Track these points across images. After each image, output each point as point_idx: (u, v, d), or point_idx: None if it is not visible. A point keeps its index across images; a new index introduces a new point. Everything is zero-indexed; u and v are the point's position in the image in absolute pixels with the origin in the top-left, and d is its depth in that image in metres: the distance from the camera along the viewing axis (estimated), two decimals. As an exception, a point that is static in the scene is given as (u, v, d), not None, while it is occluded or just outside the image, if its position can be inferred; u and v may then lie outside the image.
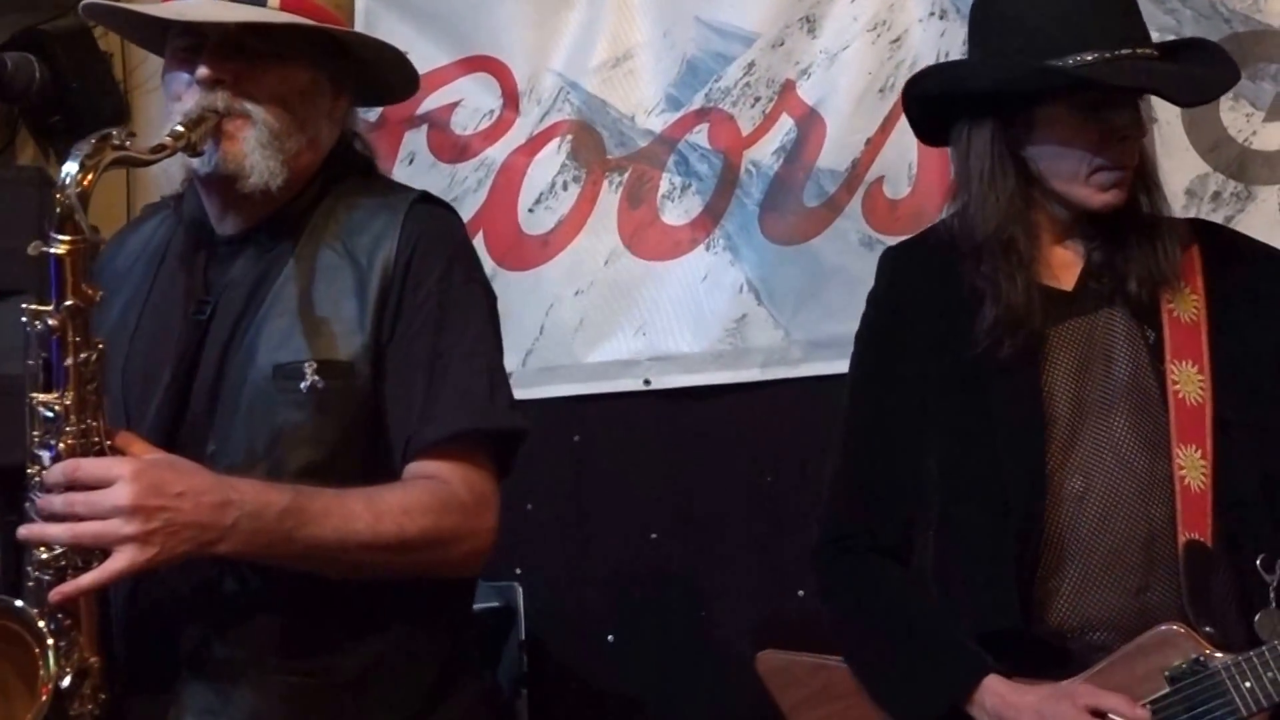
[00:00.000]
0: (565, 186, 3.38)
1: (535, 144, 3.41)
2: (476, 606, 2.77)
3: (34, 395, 1.52)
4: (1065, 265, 1.89)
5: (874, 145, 3.09)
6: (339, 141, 1.77)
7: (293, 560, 1.55)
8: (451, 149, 3.50)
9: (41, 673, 1.46)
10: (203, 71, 1.64)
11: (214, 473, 1.54)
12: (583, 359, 3.29)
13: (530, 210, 3.40)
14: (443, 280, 1.69)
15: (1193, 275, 1.89)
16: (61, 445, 1.50)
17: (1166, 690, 1.71)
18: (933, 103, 1.94)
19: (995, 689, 1.73)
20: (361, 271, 1.66)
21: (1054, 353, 1.84)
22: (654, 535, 3.20)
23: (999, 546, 1.78)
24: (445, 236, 1.73)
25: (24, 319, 1.52)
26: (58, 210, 1.49)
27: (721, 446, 3.17)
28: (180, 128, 1.59)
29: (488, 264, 3.37)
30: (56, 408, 1.51)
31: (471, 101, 3.49)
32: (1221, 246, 1.95)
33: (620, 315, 3.27)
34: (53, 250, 1.49)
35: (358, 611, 1.63)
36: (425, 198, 1.76)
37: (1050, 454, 1.80)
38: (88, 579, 1.46)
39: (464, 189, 3.46)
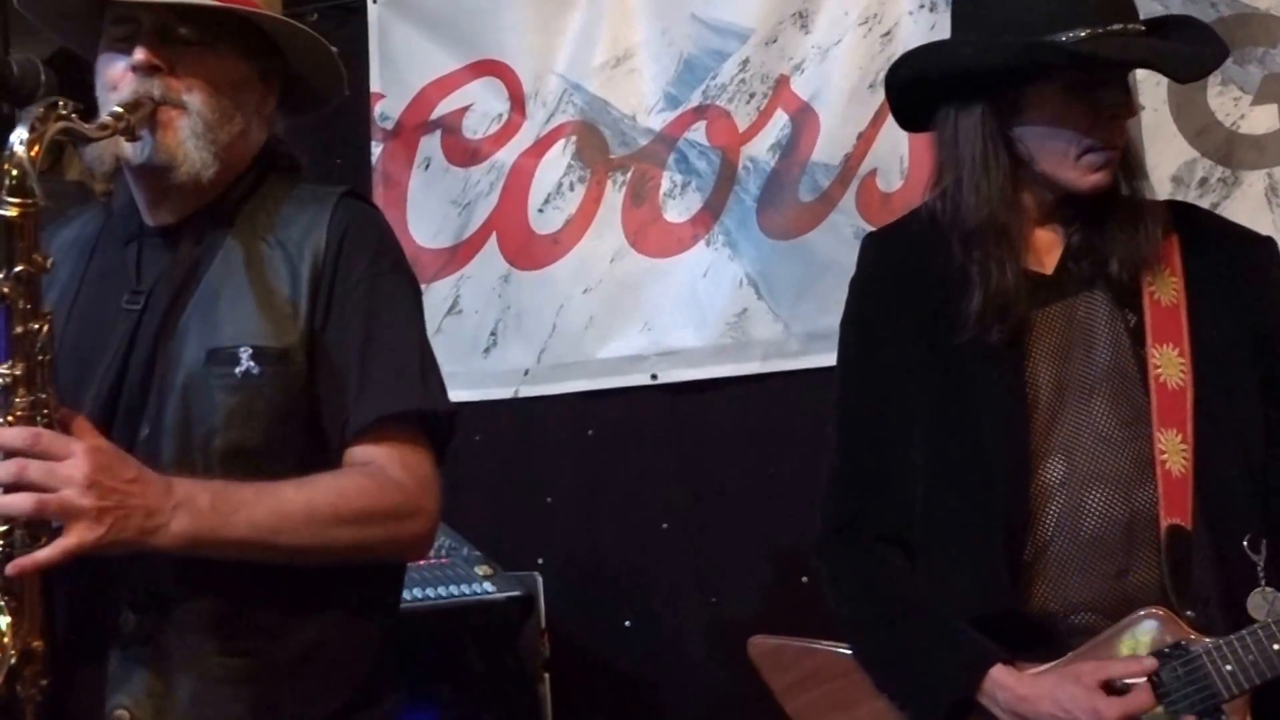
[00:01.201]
0: (571, 187, 3.45)
1: (542, 145, 3.49)
2: (500, 595, 2.99)
3: None
4: (1046, 248, 1.87)
5: (866, 139, 3.14)
6: (266, 141, 1.78)
7: (230, 548, 1.53)
8: (464, 153, 3.59)
9: None
10: (139, 56, 1.63)
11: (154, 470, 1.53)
12: (593, 355, 3.38)
13: (540, 211, 3.48)
14: (371, 269, 1.69)
15: (1172, 257, 1.85)
16: (9, 417, 1.48)
17: None
18: (917, 87, 1.88)
19: (1003, 681, 1.73)
20: (292, 261, 1.67)
21: (1036, 337, 1.82)
22: (665, 525, 3.29)
23: (986, 530, 1.77)
24: (372, 229, 1.75)
25: None
26: (10, 174, 1.46)
27: (726, 438, 3.25)
28: (119, 108, 1.58)
29: (501, 264, 3.51)
30: (5, 378, 1.48)
31: (481, 105, 3.57)
32: (1199, 228, 1.91)
33: (627, 312, 3.35)
34: (3, 213, 1.46)
35: (294, 597, 1.62)
36: (351, 193, 1.77)
37: (1033, 438, 1.78)
38: (44, 554, 1.43)
39: (477, 192, 3.55)
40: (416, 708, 2.80)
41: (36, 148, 1.46)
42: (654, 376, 3.32)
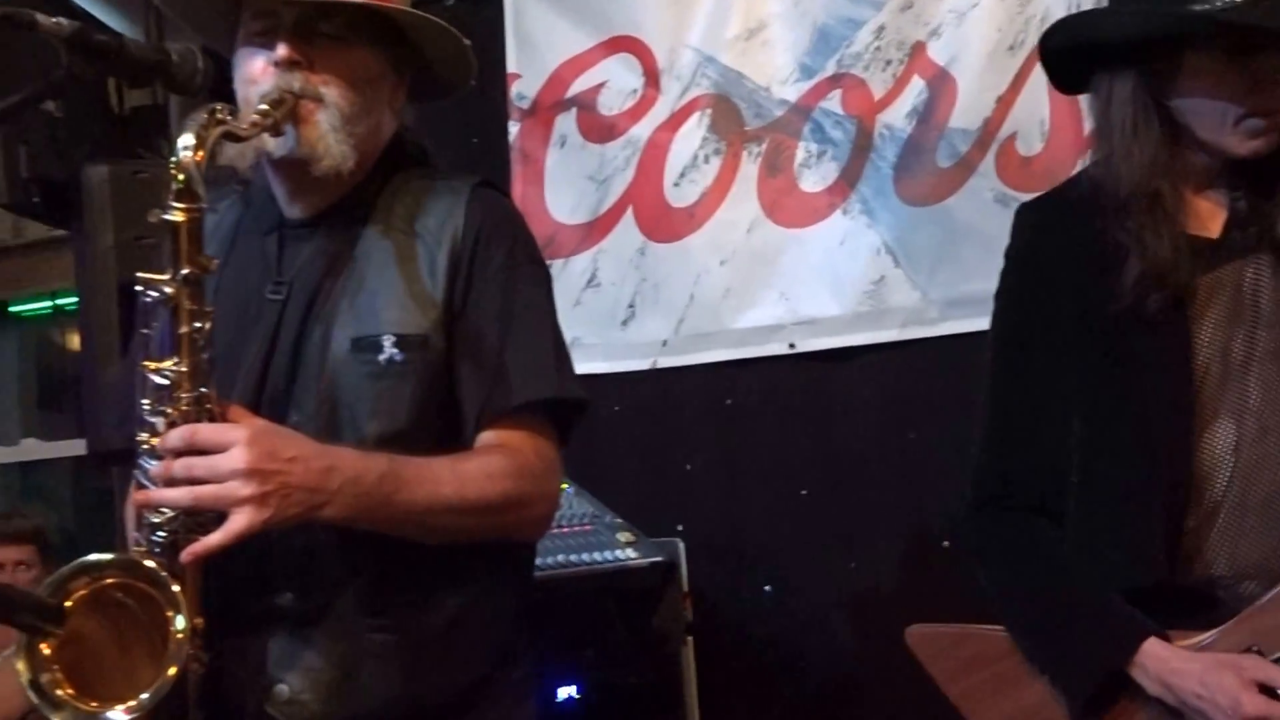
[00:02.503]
0: (707, 159, 3.48)
1: (677, 119, 3.52)
2: (643, 561, 3.04)
3: (146, 364, 1.53)
4: (1209, 214, 1.83)
5: (1005, 102, 3.10)
6: (396, 131, 1.80)
7: (387, 524, 1.58)
8: (599, 130, 3.63)
9: (173, 627, 1.49)
10: (281, 52, 1.65)
11: (317, 441, 1.57)
12: (731, 325, 3.41)
13: (675, 184, 3.51)
14: (508, 260, 1.73)
15: None
16: (174, 412, 1.52)
17: None
18: (1071, 54, 1.86)
19: (1157, 653, 1.70)
20: (430, 250, 1.70)
21: (1202, 303, 1.79)
22: (804, 491, 3.31)
23: (1146, 500, 1.75)
24: (507, 220, 1.78)
25: (138, 288, 1.53)
26: (176, 180, 1.49)
27: (864, 405, 3.26)
28: (265, 105, 1.61)
29: (637, 238, 3.56)
30: (169, 375, 1.52)
31: (616, 82, 3.61)
32: None
33: (763, 282, 3.37)
34: (170, 218, 1.50)
35: (439, 569, 1.66)
36: (484, 183, 1.79)
37: (1200, 405, 1.75)
38: (214, 539, 1.47)
39: (613, 167, 3.60)
40: (561, 672, 2.88)
41: (201, 153, 1.51)
42: (791, 345, 3.34)
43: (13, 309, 5.65)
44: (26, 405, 5.79)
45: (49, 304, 5.58)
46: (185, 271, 1.51)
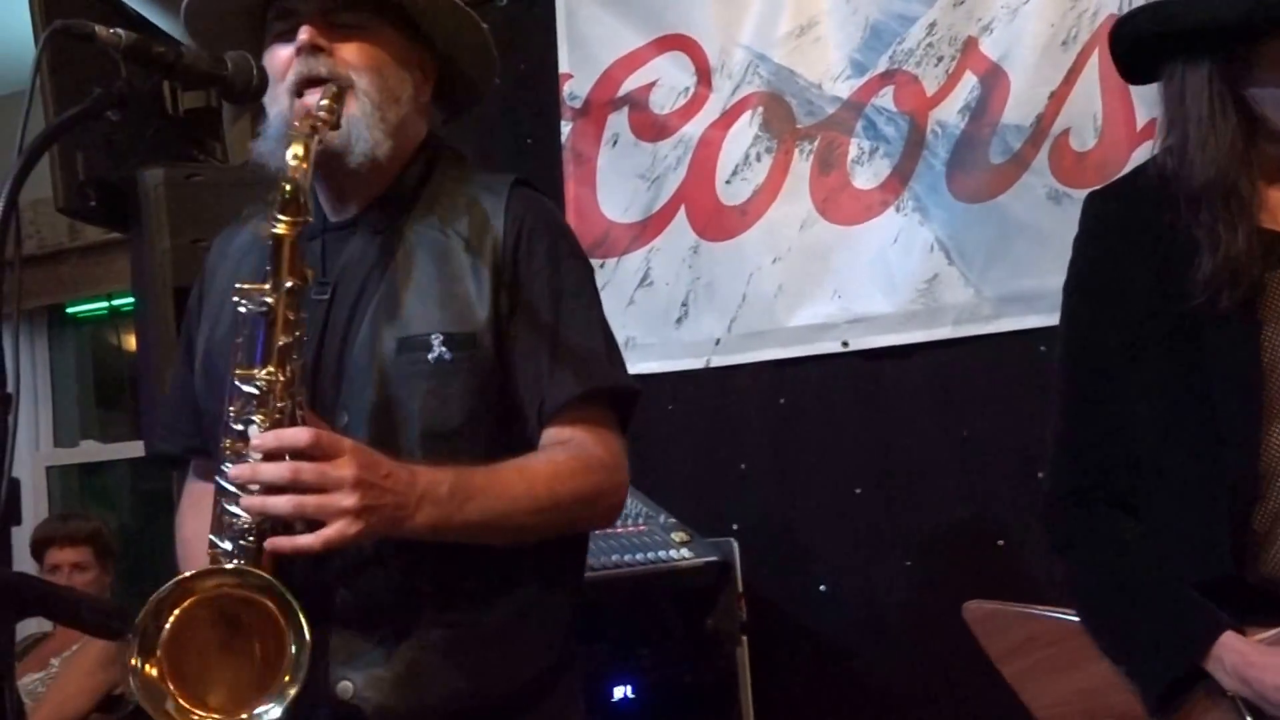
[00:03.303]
0: (759, 157, 3.48)
1: (729, 117, 3.52)
2: (698, 560, 3.04)
3: (237, 372, 1.54)
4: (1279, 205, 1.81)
5: (1058, 98, 3.09)
6: (429, 133, 1.82)
7: (464, 534, 1.60)
8: (651, 128, 3.64)
9: (293, 643, 1.48)
10: (304, 36, 1.67)
11: (382, 453, 1.57)
12: (784, 323, 3.40)
13: (727, 182, 3.51)
14: (551, 256, 1.74)
15: None
16: (264, 420, 1.52)
17: None
18: (1139, 44, 1.85)
19: (1236, 646, 1.69)
20: (473, 250, 1.71)
21: (1270, 299, 1.77)
22: (858, 490, 3.30)
23: (1213, 494, 1.74)
24: (548, 216, 1.79)
25: (235, 298, 1.54)
26: (284, 191, 1.50)
27: (918, 403, 3.24)
28: (326, 101, 1.62)
29: (690, 236, 3.56)
30: (261, 384, 1.52)
31: (667, 80, 3.61)
32: None
33: (817, 280, 3.36)
34: (275, 230, 1.51)
35: (497, 565, 1.67)
36: (521, 181, 1.79)
37: (1268, 400, 1.73)
38: (306, 541, 1.49)
39: (665, 166, 3.60)
40: (616, 671, 2.88)
41: (307, 164, 1.52)
42: (845, 344, 3.33)
43: (70, 310, 5.71)
44: (85, 407, 5.85)
45: (105, 305, 5.64)
46: (289, 284, 1.52)
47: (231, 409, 1.55)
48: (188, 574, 1.50)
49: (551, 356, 1.70)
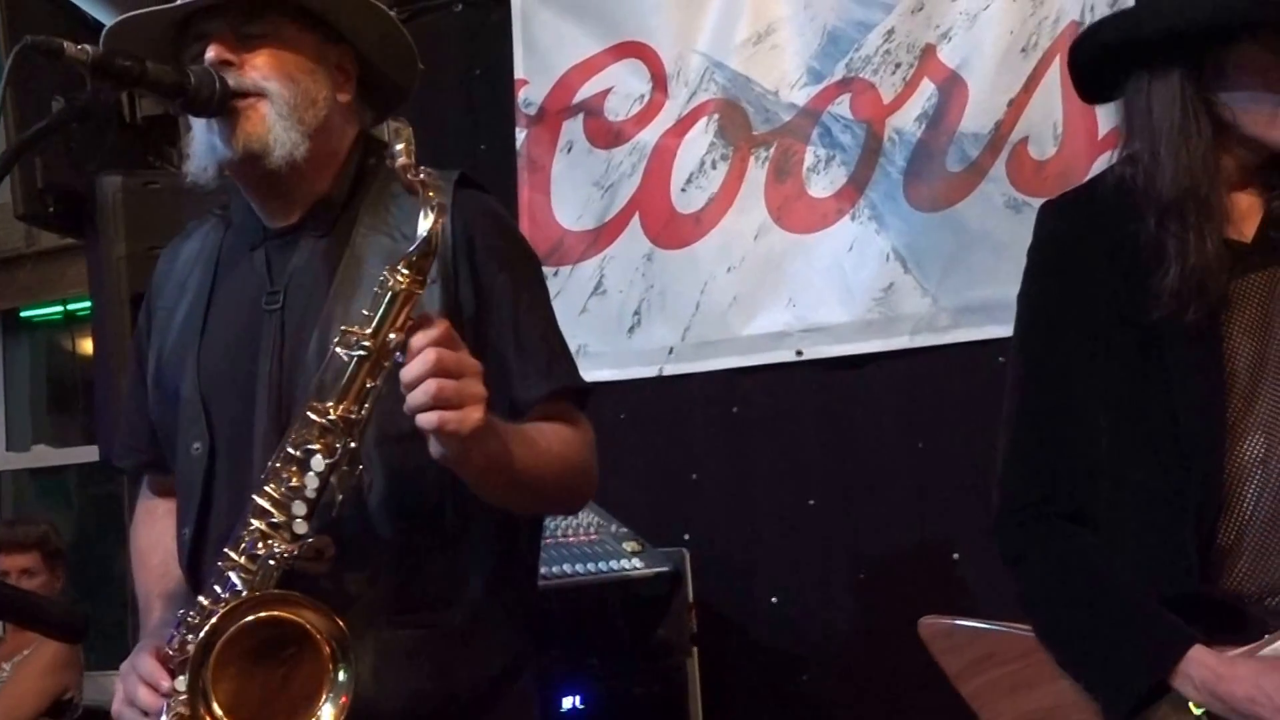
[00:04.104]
0: (714, 165, 3.45)
1: (684, 125, 3.49)
2: (649, 570, 3.02)
3: (313, 404, 1.57)
4: (1244, 214, 1.79)
5: (1017, 105, 3.07)
6: (360, 136, 1.82)
7: (501, 478, 1.60)
8: (606, 135, 3.60)
9: (333, 668, 1.53)
10: (211, 54, 1.69)
11: None
12: (738, 332, 3.37)
13: (682, 190, 3.48)
14: (504, 256, 1.76)
15: None
16: (321, 448, 1.55)
17: None
18: (1109, 54, 1.82)
19: (1203, 660, 1.66)
20: None
21: (1234, 310, 1.75)
22: (811, 501, 3.28)
23: (1177, 508, 1.71)
24: (494, 214, 1.80)
25: (335, 344, 1.58)
26: (425, 249, 1.54)
27: (873, 414, 3.22)
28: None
29: (644, 244, 3.52)
30: (335, 419, 1.55)
31: (623, 87, 3.58)
32: None
33: (771, 288, 3.33)
34: (398, 284, 1.54)
35: (457, 565, 1.70)
36: (466, 180, 1.79)
37: (1230, 413, 1.71)
38: (453, 420, 1.49)
39: (620, 173, 3.57)
40: (566, 681, 2.87)
41: (439, 226, 1.55)
42: (799, 353, 3.30)
43: (24, 315, 5.66)
44: (38, 412, 5.80)
45: (60, 310, 5.59)
46: (391, 337, 1.54)
47: (292, 435, 1.57)
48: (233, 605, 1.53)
49: (518, 357, 1.72)
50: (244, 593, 1.55)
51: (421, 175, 1.55)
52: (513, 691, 1.77)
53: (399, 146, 1.57)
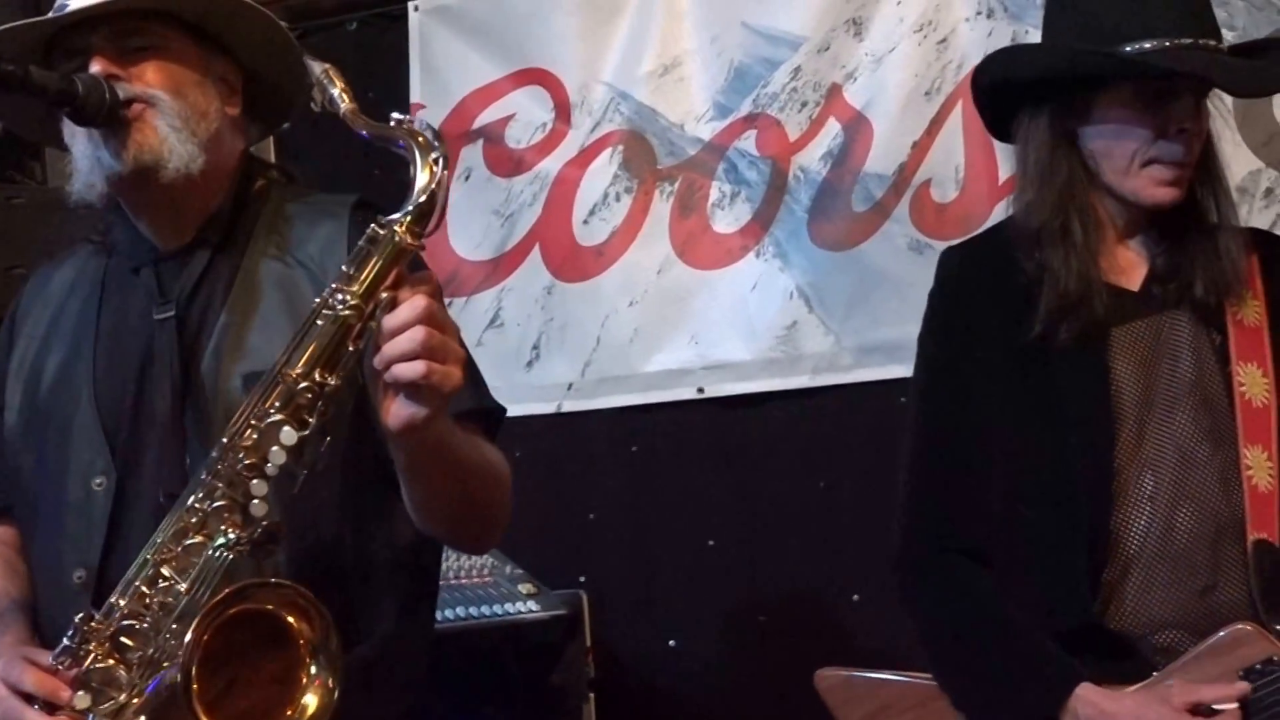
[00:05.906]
0: (618, 197, 3.40)
1: (587, 155, 3.43)
2: (545, 614, 2.95)
3: (286, 372, 1.50)
4: (1130, 265, 1.88)
5: (921, 148, 3.08)
6: (246, 150, 1.79)
7: (447, 465, 1.56)
8: (507, 163, 3.53)
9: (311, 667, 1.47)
10: (95, 68, 1.64)
11: None
12: (639, 369, 3.32)
13: (585, 222, 3.42)
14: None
15: (1254, 280, 1.88)
16: (311, 422, 1.50)
17: None
18: (998, 95, 1.92)
19: (1089, 698, 1.71)
20: (316, 281, 1.65)
21: (1119, 350, 1.83)
22: (711, 541, 3.24)
23: (1068, 545, 1.77)
24: None
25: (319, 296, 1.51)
26: (428, 201, 1.50)
27: (775, 453, 3.20)
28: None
29: (545, 276, 3.45)
30: (307, 385, 1.49)
31: (524, 115, 3.51)
32: (1278, 251, 1.94)
33: (674, 325, 3.29)
34: (405, 239, 1.49)
35: (365, 602, 1.67)
36: (362, 203, 1.76)
37: (1118, 451, 1.79)
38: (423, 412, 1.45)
39: (520, 203, 3.50)
40: (462, 727, 2.80)
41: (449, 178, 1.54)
42: (700, 390, 3.26)
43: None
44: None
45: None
46: (384, 296, 1.47)
47: (276, 403, 1.48)
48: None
49: None
50: (183, 588, 1.46)
51: (405, 124, 1.50)
52: None
53: (336, 90, 1.50)
